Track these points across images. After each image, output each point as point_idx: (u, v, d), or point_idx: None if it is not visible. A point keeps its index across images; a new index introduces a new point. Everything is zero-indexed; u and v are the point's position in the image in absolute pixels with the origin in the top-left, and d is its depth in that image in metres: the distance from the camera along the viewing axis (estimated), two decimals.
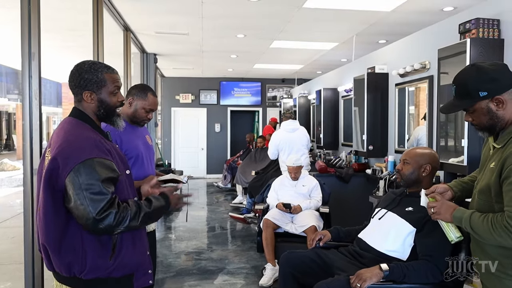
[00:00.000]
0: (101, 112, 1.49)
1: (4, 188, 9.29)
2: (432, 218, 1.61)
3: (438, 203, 1.59)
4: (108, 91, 1.48)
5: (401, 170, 2.11)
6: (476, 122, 1.49)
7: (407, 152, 2.17)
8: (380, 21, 4.47)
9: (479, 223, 1.42)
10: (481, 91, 1.42)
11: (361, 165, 4.54)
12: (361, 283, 1.80)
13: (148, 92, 2.16)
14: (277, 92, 9.99)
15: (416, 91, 3.87)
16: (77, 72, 1.46)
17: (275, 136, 4.76)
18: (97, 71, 1.47)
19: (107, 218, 1.32)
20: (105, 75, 1.48)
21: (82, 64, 1.48)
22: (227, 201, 7.11)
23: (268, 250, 3.31)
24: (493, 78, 1.42)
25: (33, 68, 2.39)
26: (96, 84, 1.46)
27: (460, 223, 1.50)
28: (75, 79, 1.46)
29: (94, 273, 1.37)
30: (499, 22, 2.68)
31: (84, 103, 1.48)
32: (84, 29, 3.85)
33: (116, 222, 1.33)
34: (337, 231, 2.34)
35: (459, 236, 1.59)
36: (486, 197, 1.47)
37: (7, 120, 20.63)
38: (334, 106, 5.79)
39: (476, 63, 1.49)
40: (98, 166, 1.34)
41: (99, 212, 1.31)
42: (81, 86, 1.46)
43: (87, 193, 1.31)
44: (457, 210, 1.53)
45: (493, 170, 1.43)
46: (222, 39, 5.55)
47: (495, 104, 1.43)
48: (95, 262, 1.37)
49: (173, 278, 3.58)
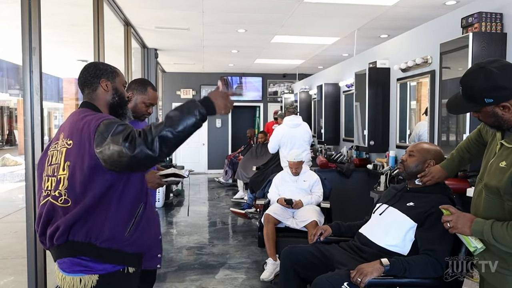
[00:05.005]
0: (115, 100, 1.57)
1: (6, 183, 9.32)
2: (450, 232, 1.53)
3: (454, 216, 1.51)
4: (121, 82, 1.60)
5: (405, 161, 2.12)
6: (483, 120, 1.48)
7: (414, 145, 2.18)
8: (382, 15, 4.45)
9: (503, 233, 1.34)
10: (487, 98, 1.38)
11: (362, 160, 4.54)
12: (361, 277, 1.81)
13: (148, 86, 2.16)
14: (278, 87, 9.97)
15: (417, 86, 3.85)
16: (92, 65, 1.58)
17: (277, 130, 4.76)
18: (108, 65, 1.61)
19: (135, 140, 1.27)
20: (115, 69, 1.62)
21: (91, 62, 1.62)
22: (228, 196, 7.13)
23: (269, 245, 3.32)
24: (500, 86, 1.37)
25: (34, 63, 2.39)
26: (111, 74, 1.58)
27: (481, 236, 1.42)
28: (91, 71, 1.56)
29: (110, 243, 1.40)
30: (502, 16, 2.66)
31: (100, 92, 1.55)
32: (84, 24, 3.84)
33: (147, 139, 1.26)
34: (338, 226, 2.35)
35: (481, 246, 1.46)
36: (494, 195, 1.43)
37: (8, 115, 20.67)
38: (336, 101, 5.77)
39: (484, 64, 1.40)
40: (112, 120, 1.40)
41: (126, 138, 1.28)
42: (98, 75, 1.55)
43: (111, 134, 1.32)
44: (475, 223, 1.44)
45: (504, 171, 1.38)
46: (223, 34, 5.53)
47: (501, 109, 1.40)
48: (112, 232, 1.40)
49: (175, 273, 3.59)
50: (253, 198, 5.30)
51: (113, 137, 1.31)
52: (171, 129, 1.28)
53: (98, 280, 1.41)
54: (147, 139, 1.27)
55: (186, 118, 1.30)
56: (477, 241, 1.46)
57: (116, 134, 1.31)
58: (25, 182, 2.43)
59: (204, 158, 9.89)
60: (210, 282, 3.38)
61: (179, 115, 1.30)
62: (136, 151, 1.27)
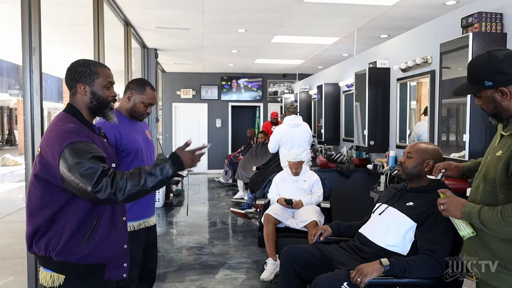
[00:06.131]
0: (93, 104, 1.55)
1: (6, 183, 9.32)
2: (443, 214, 1.57)
3: (448, 199, 1.56)
4: (101, 84, 1.55)
5: (404, 163, 2.11)
6: (484, 108, 1.51)
7: (411, 145, 2.16)
8: (382, 15, 4.45)
9: (488, 216, 1.39)
10: (487, 81, 1.43)
11: (362, 160, 4.54)
12: (361, 277, 1.81)
13: (147, 86, 2.15)
14: (278, 87, 9.97)
15: (417, 86, 3.85)
16: (72, 67, 1.55)
17: (277, 130, 4.76)
18: (90, 65, 1.56)
19: (104, 187, 1.35)
20: (98, 69, 1.56)
21: (77, 60, 1.57)
22: (228, 196, 7.13)
23: (269, 245, 3.32)
24: (501, 70, 1.42)
25: (34, 63, 2.39)
26: (90, 77, 1.54)
27: (469, 218, 1.47)
28: (71, 73, 1.55)
29: (63, 256, 1.43)
30: (502, 16, 2.66)
31: (78, 95, 1.55)
32: (84, 24, 3.84)
33: (115, 188, 1.35)
34: (337, 226, 2.35)
35: (470, 232, 1.51)
36: (491, 187, 1.45)
37: (8, 115, 20.67)
38: (336, 101, 5.77)
39: (492, 50, 1.46)
40: (81, 147, 1.40)
41: (94, 184, 1.34)
42: (75, 79, 1.54)
43: (79, 171, 1.36)
44: (466, 205, 1.48)
45: (500, 159, 1.42)
46: (223, 34, 5.53)
47: (500, 94, 1.43)
48: (67, 244, 1.42)
49: (175, 273, 3.59)
50: (253, 198, 5.30)
51: (83, 178, 1.35)
52: (142, 187, 1.39)
53: (65, 279, 1.46)
54: (117, 192, 1.35)
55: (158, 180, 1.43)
56: (468, 226, 1.51)
57: (86, 176, 1.35)
58: (25, 182, 2.43)
59: (204, 158, 9.76)
60: (210, 282, 3.38)
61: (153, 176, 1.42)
62: (101, 198, 1.35)
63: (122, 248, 1.57)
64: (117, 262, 1.54)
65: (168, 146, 9.48)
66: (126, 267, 1.58)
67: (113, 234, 1.52)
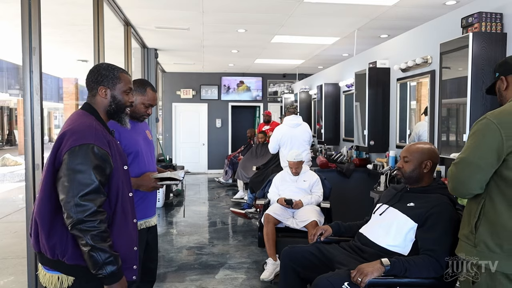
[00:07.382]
0: (112, 107, 1.59)
1: (6, 183, 9.32)
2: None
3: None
4: (121, 89, 1.61)
5: (402, 168, 2.10)
6: (498, 101, 1.63)
7: (406, 148, 2.14)
8: (381, 15, 4.45)
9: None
10: (497, 72, 1.59)
11: (362, 160, 4.54)
12: (362, 277, 1.81)
13: (147, 87, 2.15)
14: (278, 87, 9.97)
15: (417, 86, 3.85)
16: (96, 69, 1.60)
17: (277, 130, 4.76)
18: (113, 69, 1.61)
19: (86, 206, 1.36)
20: (120, 74, 1.61)
21: (101, 63, 1.64)
22: (228, 196, 7.13)
23: (269, 245, 3.32)
24: (505, 61, 1.57)
25: (34, 63, 2.39)
26: (112, 81, 1.59)
27: None
28: (94, 75, 1.59)
29: (75, 260, 1.42)
30: (502, 16, 2.66)
31: (98, 97, 1.58)
32: (84, 24, 3.84)
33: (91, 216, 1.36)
34: (338, 226, 2.34)
35: None
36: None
37: (8, 115, 20.67)
38: (335, 101, 5.77)
39: None
40: (92, 153, 1.40)
41: (82, 196, 1.36)
42: (98, 81, 1.58)
43: (76, 175, 1.37)
44: None
45: None
46: (223, 34, 5.53)
47: (502, 83, 1.56)
48: (76, 249, 1.41)
49: (175, 273, 3.59)
50: (253, 198, 5.30)
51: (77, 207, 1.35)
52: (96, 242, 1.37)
53: (74, 280, 1.45)
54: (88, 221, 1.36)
55: (99, 258, 1.39)
56: None
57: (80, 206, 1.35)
58: (25, 182, 2.43)
59: (204, 158, 9.89)
60: (210, 282, 3.38)
61: (104, 253, 1.40)
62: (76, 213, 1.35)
63: (132, 250, 1.56)
64: (127, 264, 1.52)
65: (168, 146, 9.48)
66: (136, 269, 1.57)
67: (124, 236, 1.51)
